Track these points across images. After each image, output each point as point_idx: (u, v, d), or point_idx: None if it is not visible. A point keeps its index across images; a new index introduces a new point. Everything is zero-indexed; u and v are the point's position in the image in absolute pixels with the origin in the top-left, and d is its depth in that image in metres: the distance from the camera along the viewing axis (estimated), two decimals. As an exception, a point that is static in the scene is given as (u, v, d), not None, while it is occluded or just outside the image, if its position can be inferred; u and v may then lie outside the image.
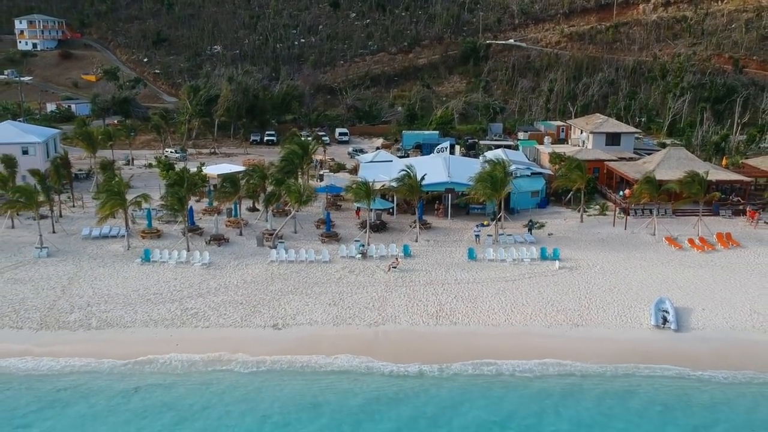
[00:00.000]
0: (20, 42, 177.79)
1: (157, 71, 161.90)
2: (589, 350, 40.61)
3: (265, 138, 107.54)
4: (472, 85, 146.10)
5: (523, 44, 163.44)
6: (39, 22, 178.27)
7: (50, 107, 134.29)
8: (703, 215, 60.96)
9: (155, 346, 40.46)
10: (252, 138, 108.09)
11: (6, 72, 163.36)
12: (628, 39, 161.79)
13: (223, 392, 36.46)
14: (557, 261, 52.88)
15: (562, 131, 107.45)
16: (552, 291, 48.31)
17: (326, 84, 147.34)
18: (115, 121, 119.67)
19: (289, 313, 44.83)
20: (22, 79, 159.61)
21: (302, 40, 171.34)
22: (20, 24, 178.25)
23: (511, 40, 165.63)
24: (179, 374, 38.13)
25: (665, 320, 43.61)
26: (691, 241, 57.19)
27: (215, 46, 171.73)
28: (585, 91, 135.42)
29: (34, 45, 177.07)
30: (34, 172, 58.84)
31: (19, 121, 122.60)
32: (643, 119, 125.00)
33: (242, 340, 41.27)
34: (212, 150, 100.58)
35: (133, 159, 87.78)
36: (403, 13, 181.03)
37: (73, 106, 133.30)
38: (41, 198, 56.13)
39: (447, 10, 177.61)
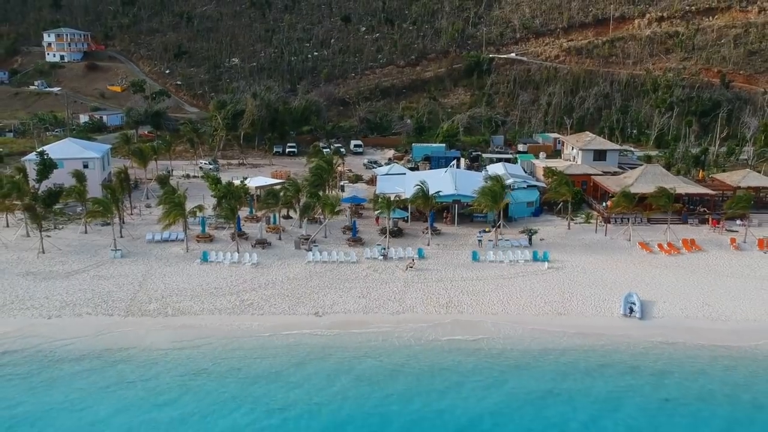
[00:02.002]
0: (48, 54, 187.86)
1: (179, 82, 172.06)
2: (569, 333, 50.94)
3: (287, 149, 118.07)
4: (475, 98, 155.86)
5: (524, 58, 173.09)
6: (66, 35, 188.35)
7: (83, 118, 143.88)
8: (673, 223, 71.41)
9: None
10: (275, 149, 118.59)
11: (36, 83, 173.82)
12: (623, 53, 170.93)
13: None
14: (546, 262, 63.31)
15: (559, 143, 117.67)
16: (541, 287, 58.64)
17: (339, 96, 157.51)
18: (146, 132, 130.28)
19: (327, 303, 55.18)
20: (51, 89, 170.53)
21: (315, 54, 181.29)
22: (48, 37, 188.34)
23: (513, 54, 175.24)
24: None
25: (632, 310, 53.85)
26: (660, 245, 67.50)
27: (233, 59, 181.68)
28: (581, 104, 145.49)
29: (62, 57, 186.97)
30: (107, 186, 69.29)
31: (58, 131, 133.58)
32: (633, 131, 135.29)
33: (292, 325, 51.72)
34: (240, 161, 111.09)
35: (172, 170, 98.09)
36: (410, 27, 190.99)
37: (104, 117, 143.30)
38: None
39: (452, 25, 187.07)
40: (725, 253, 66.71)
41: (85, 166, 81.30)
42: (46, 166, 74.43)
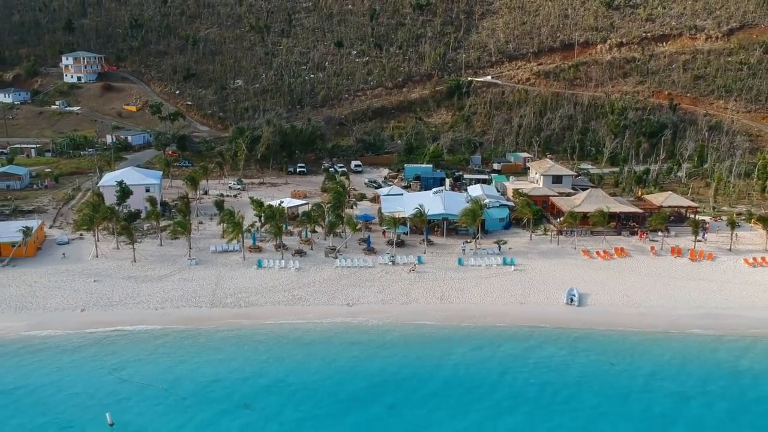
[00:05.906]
0: (66, 75, 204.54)
1: (189, 103, 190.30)
2: (526, 316, 72.79)
3: (298, 169, 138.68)
4: (456, 118, 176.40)
5: (499, 81, 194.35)
6: (83, 58, 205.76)
7: (110, 138, 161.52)
8: (609, 235, 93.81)
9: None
10: (287, 169, 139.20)
11: (57, 102, 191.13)
12: (587, 76, 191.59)
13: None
14: (513, 266, 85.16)
15: (528, 161, 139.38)
16: (509, 284, 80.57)
17: (337, 117, 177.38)
18: (171, 151, 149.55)
19: (354, 297, 76.36)
20: (72, 108, 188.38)
21: (312, 76, 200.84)
22: (66, 60, 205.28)
23: (489, 77, 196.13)
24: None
25: (572, 300, 75.81)
26: (598, 252, 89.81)
27: (237, 81, 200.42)
28: (548, 125, 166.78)
29: (79, 78, 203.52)
30: (180, 210, 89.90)
31: (90, 151, 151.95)
32: (592, 149, 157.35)
33: (331, 312, 72.87)
34: (261, 181, 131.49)
35: (207, 190, 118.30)
36: (397, 51, 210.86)
37: (129, 137, 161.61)
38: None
39: (435, 50, 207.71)
40: (646, 258, 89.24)
41: (147, 190, 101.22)
42: (125, 193, 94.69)
